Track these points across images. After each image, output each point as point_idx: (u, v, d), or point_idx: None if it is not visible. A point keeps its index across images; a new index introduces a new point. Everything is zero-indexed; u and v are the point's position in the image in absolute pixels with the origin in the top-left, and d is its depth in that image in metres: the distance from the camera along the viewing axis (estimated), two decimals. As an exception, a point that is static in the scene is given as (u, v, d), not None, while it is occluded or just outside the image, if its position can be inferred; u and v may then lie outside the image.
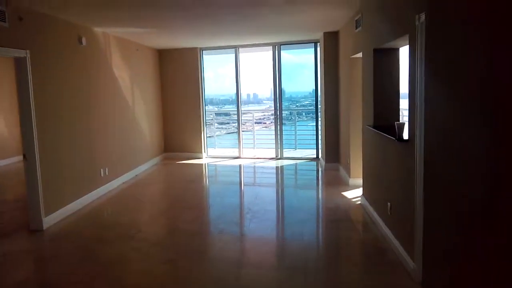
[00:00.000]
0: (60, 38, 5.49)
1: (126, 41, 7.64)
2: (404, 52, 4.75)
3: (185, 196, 6.34)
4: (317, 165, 8.53)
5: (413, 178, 3.35)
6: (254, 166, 8.67)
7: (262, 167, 8.52)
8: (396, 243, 3.98)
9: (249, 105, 13.45)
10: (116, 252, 4.23)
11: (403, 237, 3.81)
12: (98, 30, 6.50)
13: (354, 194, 6.09)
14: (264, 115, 12.54)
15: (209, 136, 10.35)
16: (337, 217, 5.15)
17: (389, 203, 4.23)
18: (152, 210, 5.79)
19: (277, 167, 8.49)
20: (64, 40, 5.60)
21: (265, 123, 12.00)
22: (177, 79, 9.48)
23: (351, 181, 6.53)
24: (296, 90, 11.74)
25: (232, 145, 11.05)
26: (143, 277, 3.69)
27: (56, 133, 5.34)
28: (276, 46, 8.94)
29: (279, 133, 9.24)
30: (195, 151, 9.61)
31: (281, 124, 9.23)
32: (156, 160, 9.13)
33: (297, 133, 10.54)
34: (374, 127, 4.73)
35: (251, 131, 10.81)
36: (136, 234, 4.71)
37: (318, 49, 8.63)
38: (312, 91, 10.29)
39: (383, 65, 4.77)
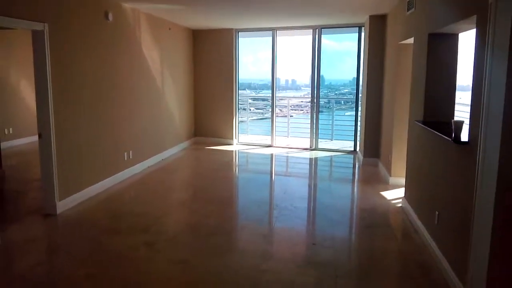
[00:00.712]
0: (83, 12, 5.15)
1: (157, 19, 7.25)
2: (464, 38, 4.11)
3: (210, 187, 5.95)
4: (354, 159, 7.93)
5: (473, 188, 2.76)
6: (287, 157, 8.18)
7: (295, 158, 8.02)
8: (442, 260, 3.41)
9: (287, 91, 12.92)
10: (127, 246, 3.88)
11: (453, 256, 3.23)
12: (127, 5, 6.13)
13: (394, 195, 5.50)
14: (302, 101, 11.97)
15: (242, 121, 9.92)
16: (373, 221, 4.60)
17: (437, 212, 3.64)
18: (173, 200, 5.41)
19: (310, 159, 7.96)
20: (89, 14, 5.26)
21: (302, 110, 11.35)
22: (210, 61, 9.05)
23: (392, 180, 5.93)
24: (336, 77, 11.14)
25: (265, 132, 10.61)
26: (148, 277, 3.31)
27: (75, 112, 5.03)
28: (317, 30, 8.31)
29: (315, 122, 8.67)
30: (226, 137, 9.20)
31: (318, 112, 8.64)
32: (185, 144, 8.79)
33: (334, 124, 9.93)
34: (424, 123, 4.12)
35: (286, 117, 10.29)
36: (152, 227, 4.34)
37: (362, 34, 7.96)
38: (353, 79, 9.61)
39: (438, 52, 4.12)
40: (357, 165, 7.37)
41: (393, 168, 5.91)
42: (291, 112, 10.42)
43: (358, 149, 8.31)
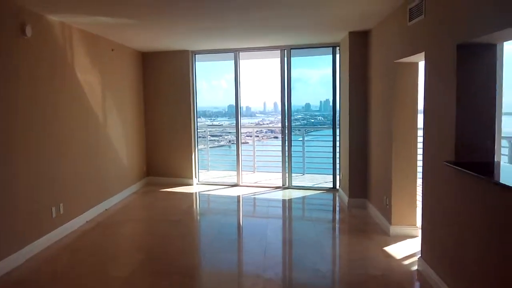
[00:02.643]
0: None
1: (97, 38, 5.91)
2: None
3: (164, 250, 4.54)
4: (336, 199, 6.79)
5: None
6: (256, 199, 6.91)
7: (267, 201, 6.76)
8: None
9: (242, 118, 12.00)
10: None
11: None
12: (53, 18, 4.78)
13: (402, 250, 4.36)
14: (260, 129, 11.00)
15: (201, 149, 8.62)
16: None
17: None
18: (112, 279, 3.88)
19: (285, 201, 6.74)
20: (-8, 26, 3.88)
21: (258, 136, 10.17)
22: (164, 88, 7.75)
23: (393, 229, 4.80)
24: (300, 102, 10.20)
25: (229, 165, 9.35)
26: None
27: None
28: (285, 51, 7.25)
29: (287, 155, 7.51)
30: (184, 175, 7.84)
31: (290, 145, 7.50)
32: (135, 187, 7.34)
33: (305, 154, 8.82)
34: (458, 164, 3.01)
35: (250, 148, 9.08)
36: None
37: (337, 55, 6.99)
38: (321, 102, 8.67)
39: (472, 68, 3.07)
40: (340, 208, 6.21)
41: (394, 214, 4.79)
42: (256, 143, 9.22)
43: (338, 185, 7.19)
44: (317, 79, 7.00)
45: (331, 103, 7.35)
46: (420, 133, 4.76)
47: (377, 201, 5.47)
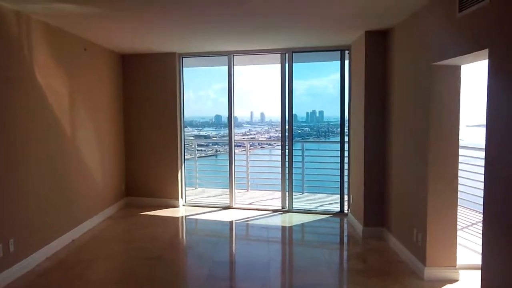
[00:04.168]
0: None
1: (63, 34, 4.91)
2: None
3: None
4: (344, 226, 5.83)
5: None
6: (253, 226, 5.90)
7: (265, 230, 5.71)
8: None
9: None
10: None
11: None
12: (4, 5, 3.78)
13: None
14: (243, 138, 10.15)
15: (188, 160, 7.63)
16: None
17: None
18: None
19: (286, 230, 5.78)
20: None
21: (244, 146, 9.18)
22: (146, 95, 6.74)
23: (428, 272, 3.85)
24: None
25: (219, 184, 8.36)
26: None
27: None
28: (287, 54, 6.33)
29: (287, 173, 6.55)
30: (169, 196, 6.80)
31: (291, 160, 6.54)
32: (111, 210, 6.29)
33: (305, 171, 7.86)
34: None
35: (243, 164, 8.08)
36: None
37: (346, 58, 6.12)
38: (308, 113, 7.85)
39: None
40: (355, 239, 5.23)
41: (429, 253, 3.85)
42: (250, 157, 8.23)
43: (347, 209, 6.24)
44: (303, 89, 6.22)
45: (317, 114, 6.50)
46: (462, 151, 3.90)
47: (403, 233, 4.52)
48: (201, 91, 9.83)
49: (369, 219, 5.24)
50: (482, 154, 5.77)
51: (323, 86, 7.87)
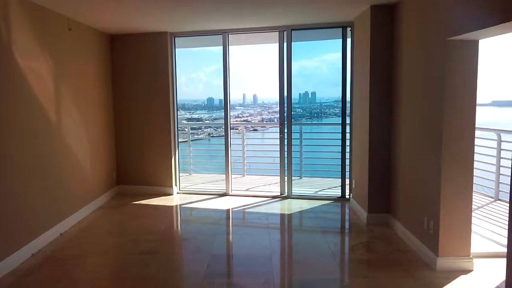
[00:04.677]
0: None
1: (46, 12, 4.52)
2: None
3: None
4: (347, 212, 5.59)
5: None
6: (251, 214, 5.65)
7: (265, 217, 5.43)
8: None
9: (221, 111, 11.21)
10: None
11: None
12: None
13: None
14: (236, 121, 9.99)
15: (182, 142, 7.34)
16: None
17: None
18: None
19: (286, 218, 5.54)
20: None
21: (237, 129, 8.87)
22: (137, 78, 6.38)
23: (441, 262, 3.62)
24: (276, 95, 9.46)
25: (214, 169, 8.09)
26: None
27: None
28: (286, 32, 5.98)
29: (286, 158, 6.27)
30: (163, 183, 6.51)
31: (290, 144, 6.25)
32: (102, 199, 5.99)
33: (303, 155, 7.59)
34: None
35: (238, 148, 7.79)
36: None
37: (348, 36, 5.80)
38: (300, 95, 7.61)
39: None
40: (359, 227, 4.97)
41: (442, 242, 3.61)
42: (247, 140, 7.92)
43: (349, 194, 5.99)
44: (295, 70, 5.93)
45: (310, 96, 6.23)
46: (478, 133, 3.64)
47: (411, 220, 4.28)
48: (192, 74, 9.66)
49: (373, 205, 5.00)
50: (493, 135, 5.54)
51: (314, 67, 7.60)
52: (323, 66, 7.62)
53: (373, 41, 4.81)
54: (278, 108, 6.24)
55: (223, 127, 6.46)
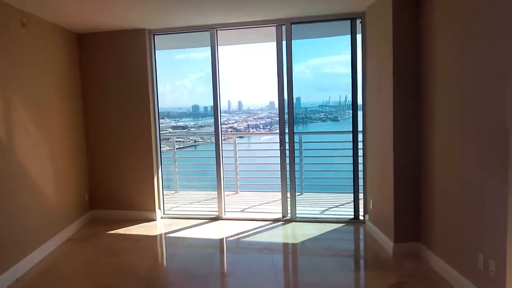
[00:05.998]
0: None
1: (-15, 0, 3.56)
2: None
3: None
4: (364, 240, 4.71)
5: None
6: (250, 245, 4.68)
7: (267, 250, 4.43)
8: None
9: (206, 118, 10.61)
10: None
11: None
12: None
13: None
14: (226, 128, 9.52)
15: (166, 150, 6.57)
16: None
17: None
18: None
19: (291, 249, 4.58)
20: None
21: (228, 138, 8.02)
22: (111, 84, 5.43)
23: (511, 318, 2.76)
24: (262, 101, 9.20)
25: (204, 185, 7.18)
26: None
27: None
28: (284, 26, 5.11)
29: (288, 172, 5.38)
30: (144, 207, 5.54)
31: (293, 158, 5.37)
32: (71, 229, 5.00)
33: (303, 167, 6.66)
34: None
35: (231, 161, 6.87)
36: None
37: (359, 29, 4.96)
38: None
39: None
40: (385, 260, 4.06)
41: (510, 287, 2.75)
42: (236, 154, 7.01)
43: (363, 215, 5.12)
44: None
45: (295, 101, 5.42)
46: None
47: (455, 254, 3.41)
48: (177, 81, 9.21)
49: (401, 232, 4.12)
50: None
51: (299, 71, 6.90)
52: (307, 71, 7.22)
53: (396, 34, 3.94)
54: (263, 114, 5.39)
55: (213, 137, 5.55)
